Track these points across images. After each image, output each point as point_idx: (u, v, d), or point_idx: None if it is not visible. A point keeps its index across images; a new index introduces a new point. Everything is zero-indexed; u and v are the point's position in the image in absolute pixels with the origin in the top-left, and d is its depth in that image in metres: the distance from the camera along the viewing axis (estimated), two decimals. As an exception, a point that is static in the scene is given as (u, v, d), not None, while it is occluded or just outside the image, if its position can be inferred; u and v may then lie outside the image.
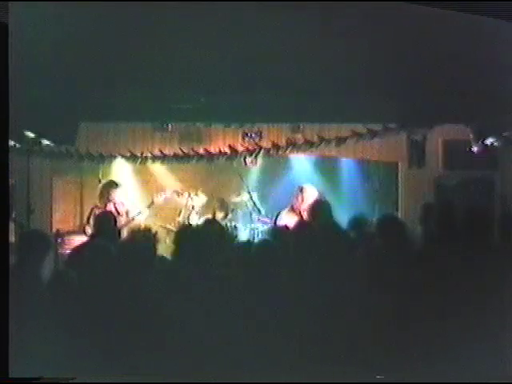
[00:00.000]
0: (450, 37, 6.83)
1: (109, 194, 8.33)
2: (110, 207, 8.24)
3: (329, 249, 5.33)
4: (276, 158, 8.78)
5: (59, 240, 8.33)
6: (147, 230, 5.37)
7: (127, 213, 8.38)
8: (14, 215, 7.55)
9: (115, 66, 6.93)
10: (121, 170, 9.14)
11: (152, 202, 8.57)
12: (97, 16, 6.58)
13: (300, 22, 6.71)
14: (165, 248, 5.41)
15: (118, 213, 8.34)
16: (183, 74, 7.03)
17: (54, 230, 8.78)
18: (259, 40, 6.86)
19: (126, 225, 8.23)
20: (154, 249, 5.17)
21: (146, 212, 8.39)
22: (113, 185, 8.44)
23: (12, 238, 6.57)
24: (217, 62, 6.94)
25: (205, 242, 5.37)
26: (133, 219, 8.28)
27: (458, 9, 6.01)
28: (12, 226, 7.10)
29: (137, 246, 5.12)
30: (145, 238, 5.29)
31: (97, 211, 7.93)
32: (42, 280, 4.75)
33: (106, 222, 6.37)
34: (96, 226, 6.44)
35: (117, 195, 8.38)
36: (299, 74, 7.05)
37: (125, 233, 8.20)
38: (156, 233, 5.39)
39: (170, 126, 8.78)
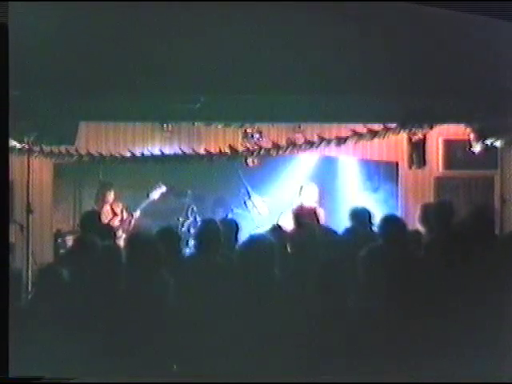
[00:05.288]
0: (450, 36, 6.84)
1: (104, 195, 8.38)
2: (107, 208, 8.28)
3: (330, 249, 5.33)
4: (276, 157, 8.77)
5: (59, 240, 8.35)
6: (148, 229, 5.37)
7: (122, 212, 8.42)
8: (13, 215, 7.54)
9: (115, 65, 6.93)
10: (120, 170, 9.13)
11: (147, 197, 8.61)
12: (97, 16, 6.59)
13: (300, 22, 6.72)
14: (164, 248, 5.39)
15: (115, 213, 8.37)
16: (183, 73, 7.03)
17: (54, 230, 8.78)
18: (260, 40, 6.86)
19: (122, 224, 8.27)
20: (153, 248, 5.17)
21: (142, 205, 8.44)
22: (107, 186, 8.47)
23: (12, 238, 6.58)
24: (217, 62, 6.94)
25: (204, 241, 5.37)
26: (129, 218, 8.33)
27: (459, 9, 6.02)
28: (12, 225, 7.10)
29: (137, 245, 5.13)
30: (145, 237, 5.30)
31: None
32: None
33: (91, 220, 6.43)
34: (80, 224, 6.49)
35: (112, 196, 8.44)
36: (299, 73, 7.05)
37: (121, 232, 8.25)
38: (155, 232, 5.39)
39: (169, 126, 8.78)
